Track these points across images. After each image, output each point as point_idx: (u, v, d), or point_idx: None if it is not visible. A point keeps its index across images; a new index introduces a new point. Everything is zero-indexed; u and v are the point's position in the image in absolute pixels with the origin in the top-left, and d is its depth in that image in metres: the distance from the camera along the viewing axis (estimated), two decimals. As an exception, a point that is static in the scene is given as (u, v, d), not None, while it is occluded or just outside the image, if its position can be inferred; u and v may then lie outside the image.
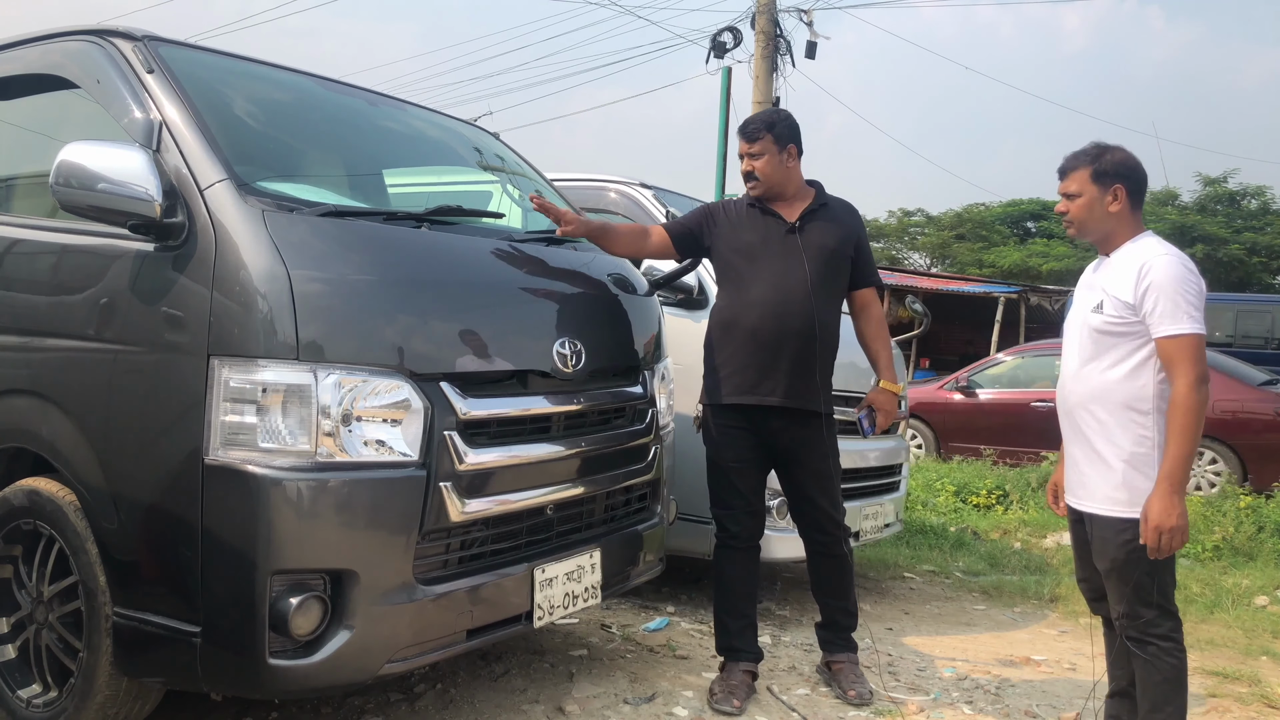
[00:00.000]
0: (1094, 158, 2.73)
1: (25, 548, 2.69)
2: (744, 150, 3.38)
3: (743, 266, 3.34)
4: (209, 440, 2.29)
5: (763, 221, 3.37)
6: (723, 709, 3.21)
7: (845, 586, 3.51)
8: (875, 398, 3.47)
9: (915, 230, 31.23)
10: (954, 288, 18.18)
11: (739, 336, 3.30)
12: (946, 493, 7.86)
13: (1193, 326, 2.54)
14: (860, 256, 3.44)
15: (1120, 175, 2.70)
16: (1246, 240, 23.30)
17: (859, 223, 3.50)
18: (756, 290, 3.29)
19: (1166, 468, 2.53)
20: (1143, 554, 2.58)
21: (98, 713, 2.49)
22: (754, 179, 3.37)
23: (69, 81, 2.81)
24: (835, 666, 3.49)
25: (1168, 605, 2.66)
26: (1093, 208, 2.72)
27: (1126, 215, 2.71)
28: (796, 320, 3.24)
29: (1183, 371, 2.53)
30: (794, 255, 3.29)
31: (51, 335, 2.61)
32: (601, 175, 4.85)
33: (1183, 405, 2.52)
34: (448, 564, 2.59)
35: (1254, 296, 17.45)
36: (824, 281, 3.30)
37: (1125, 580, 2.64)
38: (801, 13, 13.57)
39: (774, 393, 3.27)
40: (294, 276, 2.33)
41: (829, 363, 3.37)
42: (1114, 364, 2.65)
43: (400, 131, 3.62)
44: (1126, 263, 2.66)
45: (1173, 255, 2.62)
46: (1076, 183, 2.74)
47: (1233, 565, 5.92)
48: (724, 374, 3.34)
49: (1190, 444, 2.52)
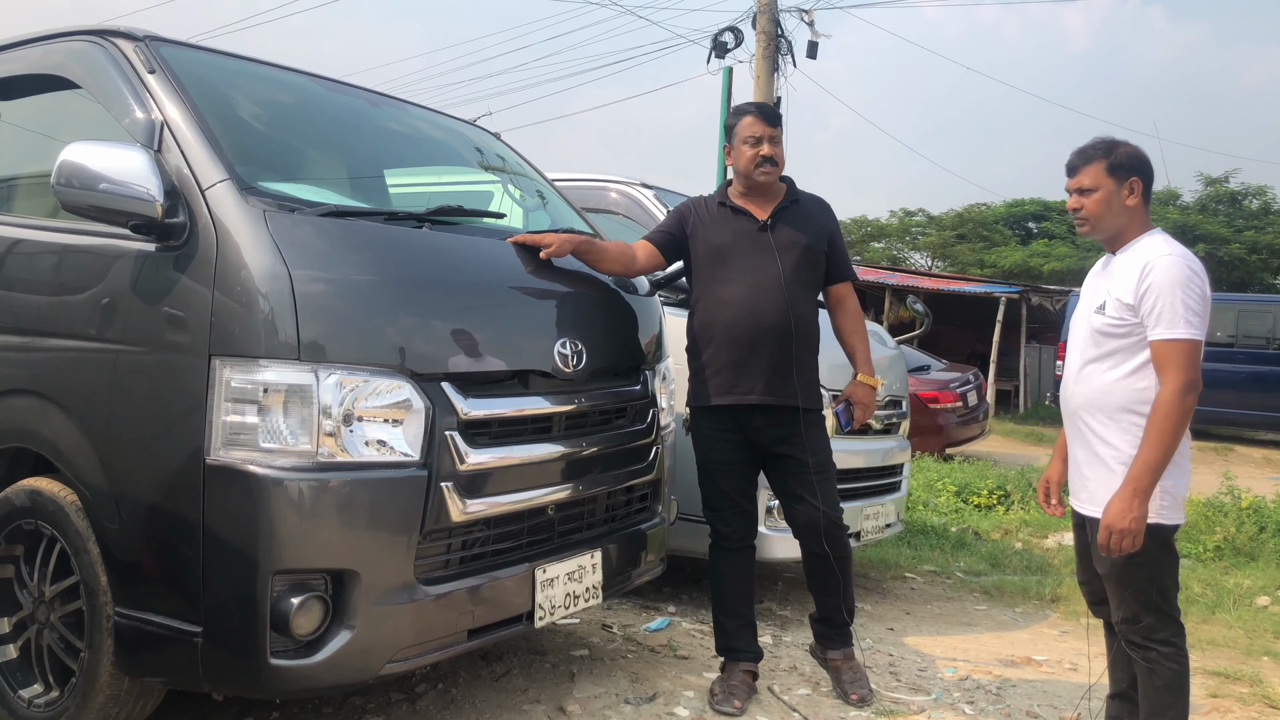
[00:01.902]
0: (1108, 151, 2.68)
1: (27, 547, 2.70)
2: (766, 133, 3.33)
3: (716, 267, 3.33)
4: (210, 440, 2.29)
5: (734, 220, 3.36)
6: (723, 709, 3.21)
7: (838, 585, 3.43)
8: (853, 391, 3.46)
9: (917, 230, 31.19)
10: (955, 288, 18.14)
11: (716, 337, 3.30)
12: (947, 493, 7.86)
13: (1188, 332, 2.48)
14: (834, 251, 3.44)
15: (1135, 168, 2.66)
16: (1248, 240, 23.25)
17: (831, 218, 3.49)
18: (730, 290, 3.28)
19: (1134, 470, 2.50)
20: (1143, 559, 2.55)
21: (99, 713, 2.49)
22: (773, 165, 3.34)
23: (70, 82, 2.82)
24: (833, 662, 3.47)
25: (1169, 610, 2.63)
26: (1110, 202, 2.66)
27: (1140, 210, 2.67)
28: (771, 317, 3.23)
29: (1170, 376, 2.49)
30: (766, 253, 3.28)
31: (53, 335, 2.61)
32: (602, 175, 4.86)
33: (1162, 410, 2.48)
34: (449, 564, 2.59)
35: (1255, 296, 17.43)
36: (798, 278, 3.29)
37: (1126, 585, 2.62)
38: (803, 12, 13.58)
39: (752, 391, 3.26)
40: (295, 276, 2.33)
41: (808, 358, 3.35)
42: (1115, 366, 2.62)
43: (401, 132, 3.62)
44: (1131, 262, 2.62)
45: (1177, 255, 2.56)
46: (1091, 177, 2.68)
47: (1234, 565, 5.92)
48: (705, 375, 3.34)
49: (1164, 450, 2.48)
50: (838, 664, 3.46)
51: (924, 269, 26.79)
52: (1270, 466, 12.02)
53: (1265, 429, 13.85)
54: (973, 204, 30.60)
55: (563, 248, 3.10)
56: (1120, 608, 2.66)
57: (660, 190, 4.79)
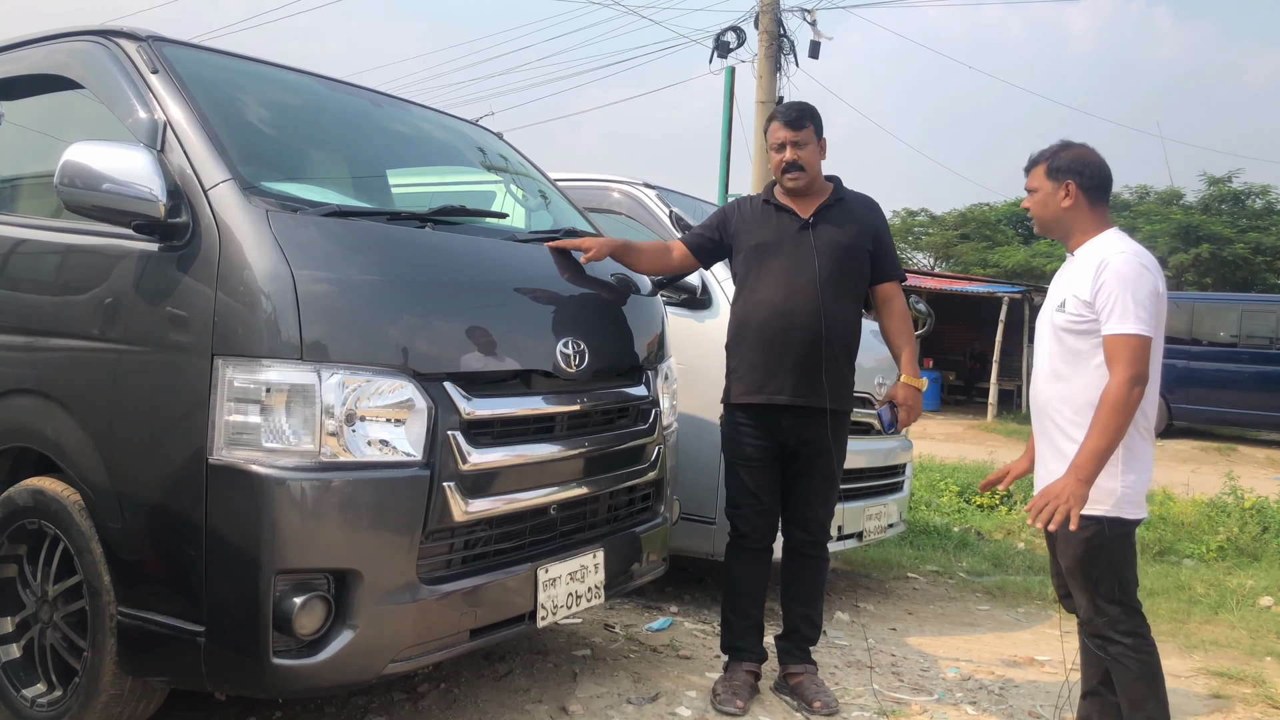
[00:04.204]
0: (1053, 154, 2.75)
1: (30, 547, 2.70)
2: (788, 138, 3.29)
3: (756, 265, 3.33)
4: (213, 440, 2.29)
5: (776, 218, 3.35)
6: (725, 709, 3.20)
7: (815, 593, 3.44)
8: (897, 392, 3.42)
9: (919, 230, 31.13)
10: (958, 287, 18.11)
11: (749, 336, 3.31)
12: (950, 493, 7.85)
13: (1137, 327, 2.53)
14: (880, 251, 3.40)
15: (1072, 171, 2.70)
16: (1251, 240, 23.18)
17: (878, 217, 3.46)
18: (766, 289, 3.28)
19: (1079, 457, 2.54)
20: (1101, 551, 2.61)
21: (102, 712, 2.50)
22: (798, 169, 3.29)
23: (74, 82, 2.82)
24: (794, 679, 3.37)
25: (1129, 601, 2.67)
26: (1046, 203, 2.74)
27: (1083, 211, 2.71)
28: (803, 318, 3.23)
29: (1118, 369, 2.53)
30: (805, 252, 3.27)
31: (56, 335, 2.62)
32: (605, 175, 4.85)
33: (1108, 401, 2.52)
34: (451, 564, 2.59)
35: (1259, 296, 17.40)
36: (835, 278, 3.27)
37: (1087, 576, 2.66)
38: (805, 12, 13.57)
39: (781, 391, 3.26)
40: (298, 276, 2.34)
41: (841, 360, 3.32)
42: (1078, 363, 2.65)
43: (404, 132, 3.63)
44: (1087, 260, 2.67)
45: (1129, 253, 2.60)
46: (1035, 179, 2.77)
47: (1237, 566, 5.92)
48: (738, 373, 3.34)
49: (1108, 440, 2.51)
50: (799, 680, 3.36)
51: (927, 269, 26.76)
52: (1273, 466, 12.00)
53: (1268, 429, 13.83)
54: (975, 203, 30.55)
55: (601, 251, 3.19)
56: (1083, 603, 2.70)
57: (663, 190, 4.78)
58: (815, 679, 3.39)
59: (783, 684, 3.42)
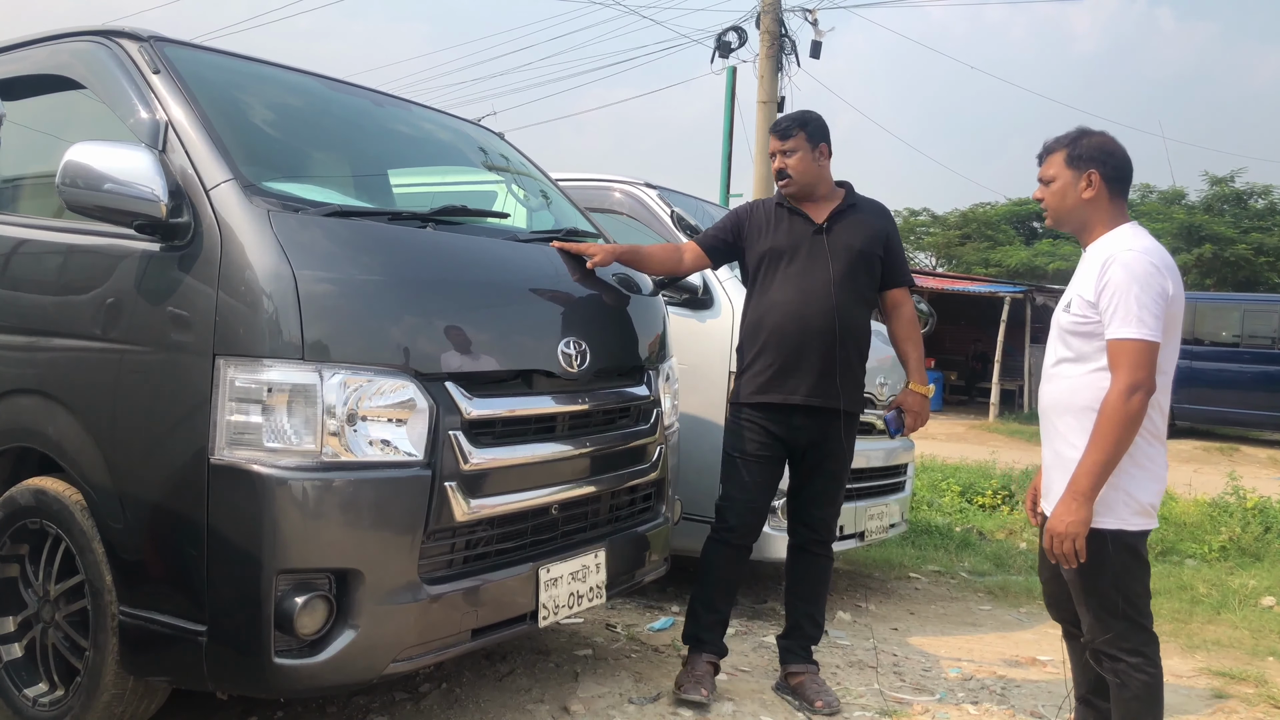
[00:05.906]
0: (1072, 141, 2.55)
1: (32, 547, 2.70)
2: (776, 148, 3.38)
3: (771, 267, 3.35)
4: (214, 440, 2.29)
5: (791, 222, 3.38)
6: (691, 697, 3.20)
7: (819, 591, 3.47)
8: (904, 399, 3.46)
9: (921, 230, 31.11)
10: (960, 287, 18.10)
11: (764, 337, 3.33)
12: (952, 493, 7.85)
13: (1140, 331, 2.34)
14: (890, 256, 3.43)
15: (1096, 160, 2.51)
16: (1254, 240, 23.16)
17: (889, 223, 3.49)
18: (781, 291, 3.31)
19: (1076, 473, 2.38)
20: (1104, 566, 2.43)
21: (104, 711, 2.50)
22: (786, 177, 3.36)
23: (75, 82, 2.82)
24: (795, 680, 3.38)
25: (1138, 618, 2.46)
26: (1065, 193, 2.55)
27: (1104, 204, 2.53)
28: (818, 320, 3.25)
29: (1118, 376, 2.35)
30: (819, 256, 3.30)
31: (58, 335, 2.62)
32: (606, 175, 4.85)
33: (1106, 411, 2.35)
34: (452, 563, 2.59)
35: (1261, 296, 17.38)
36: (849, 282, 3.30)
37: (1090, 591, 2.47)
38: (806, 12, 13.57)
39: (797, 391, 3.28)
40: (299, 276, 2.34)
41: (854, 363, 3.36)
42: (1080, 365, 2.48)
43: (405, 132, 3.63)
44: (1094, 257, 2.49)
45: (1139, 250, 2.41)
46: (1053, 167, 2.57)
47: (1239, 566, 5.91)
48: (752, 373, 3.36)
49: (1106, 454, 2.34)
50: (801, 679, 3.37)
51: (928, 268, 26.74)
52: (1275, 466, 11.99)
53: (1270, 429, 13.84)
54: (977, 203, 30.51)
55: (606, 259, 3.20)
56: (1085, 615, 2.51)
57: (665, 190, 4.78)
58: (817, 679, 3.39)
59: (784, 684, 3.43)
